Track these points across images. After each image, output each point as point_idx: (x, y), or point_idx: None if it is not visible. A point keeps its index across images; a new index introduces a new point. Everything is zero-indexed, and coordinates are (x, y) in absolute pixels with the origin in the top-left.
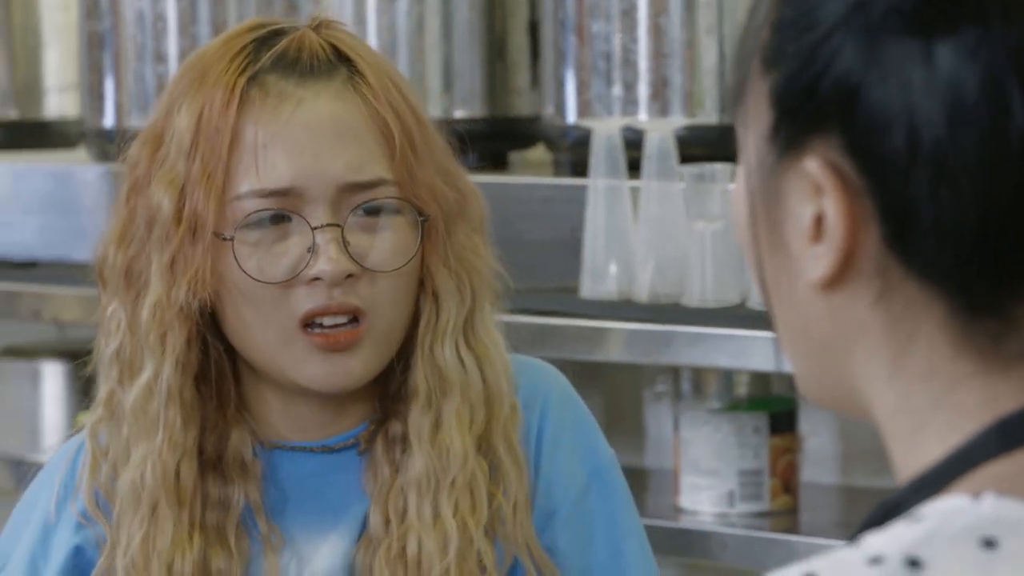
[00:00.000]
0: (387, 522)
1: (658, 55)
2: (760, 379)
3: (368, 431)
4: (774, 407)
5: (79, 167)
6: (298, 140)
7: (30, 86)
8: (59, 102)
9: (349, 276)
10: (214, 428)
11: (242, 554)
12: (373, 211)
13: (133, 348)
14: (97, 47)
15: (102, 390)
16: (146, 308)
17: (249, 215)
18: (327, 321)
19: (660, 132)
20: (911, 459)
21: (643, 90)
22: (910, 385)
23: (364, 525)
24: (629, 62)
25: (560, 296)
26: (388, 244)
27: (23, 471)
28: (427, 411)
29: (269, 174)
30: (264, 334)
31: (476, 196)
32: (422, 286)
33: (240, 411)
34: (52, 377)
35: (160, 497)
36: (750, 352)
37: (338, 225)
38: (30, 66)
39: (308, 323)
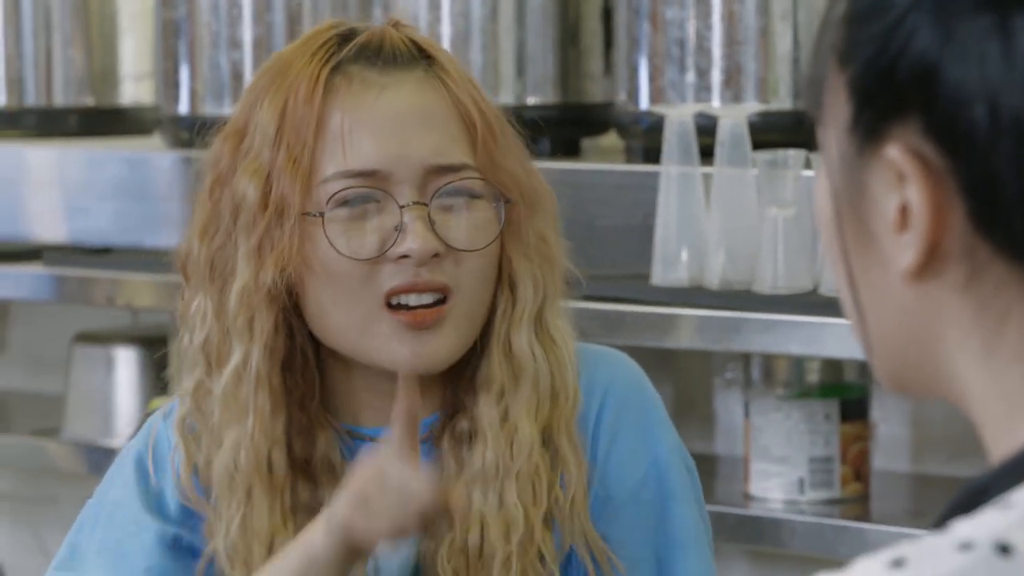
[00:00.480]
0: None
1: (732, 42)
2: (831, 366)
3: (440, 423)
4: (845, 394)
5: (154, 154)
6: (383, 125)
7: (106, 74)
8: (135, 89)
9: (435, 255)
10: (301, 429)
11: None
12: (457, 193)
13: (220, 336)
14: (172, 35)
15: (187, 382)
16: (233, 294)
17: (338, 192)
18: (412, 300)
19: (733, 118)
20: (1005, 443)
21: (716, 76)
22: (1004, 367)
23: None
24: (703, 48)
25: (631, 283)
26: (472, 225)
27: (97, 456)
28: (498, 400)
29: (356, 157)
30: (349, 314)
31: (549, 191)
32: (499, 274)
33: (324, 408)
34: (125, 363)
35: (254, 481)
36: (822, 339)
37: (424, 204)
38: (106, 54)
39: (392, 303)
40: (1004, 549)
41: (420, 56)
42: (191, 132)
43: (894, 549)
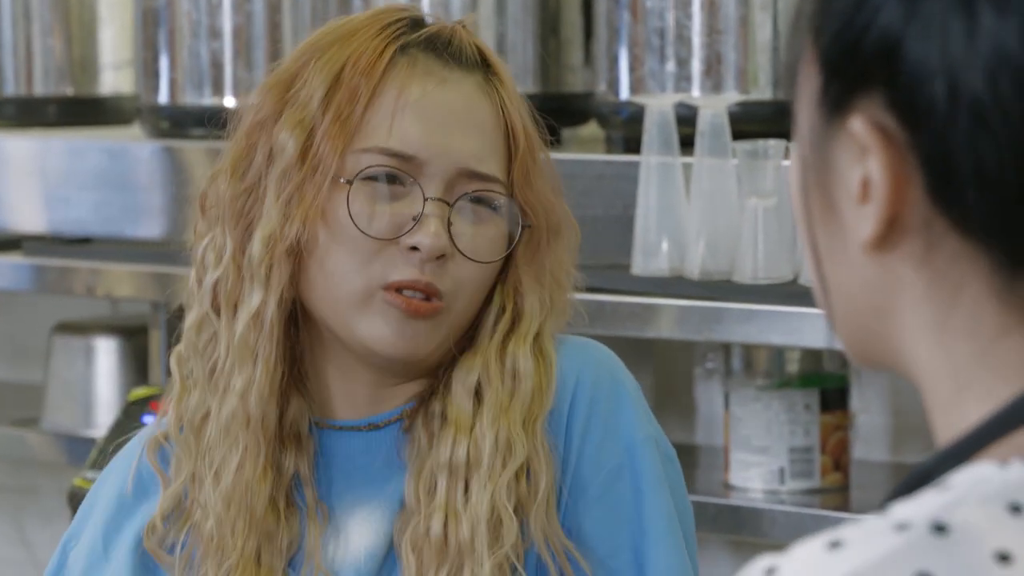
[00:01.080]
0: (418, 499)
1: (712, 31)
2: (811, 356)
3: (414, 409)
4: (825, 384)
5: (134, 144)
6: (435, 114)
7: (86, 63)
8: (114, 79)
9: (440, 256)
10: (283, 389)
11: (289, 523)
12: (480, 202)
13: (235, 278)
14: (152, 24)
15: (191, 317)
16: (257, 240)
17: (370, 167)
18: (408, 293)
19: (713, 108)
20: (949, 425)
21: (696, 66)
22: (953, 343)
23: (402, 502)
24: (683, 38)
25: (612, 273)
26: (486, 236)
27: (77, 447)
28: (475, 397)
29: (399, 137)
30: (349, 286)
31: (573, 223)
32: (505, 287)
33: (302, 385)
34: (105, 353)
35: (255, 430)
36: (802, 329)
37: (448, 203)
38: (86, 43)
39: (390, 288)
40: (940, 528)
41: (482, 62)
42: (171, 122)
43: (833, 531)
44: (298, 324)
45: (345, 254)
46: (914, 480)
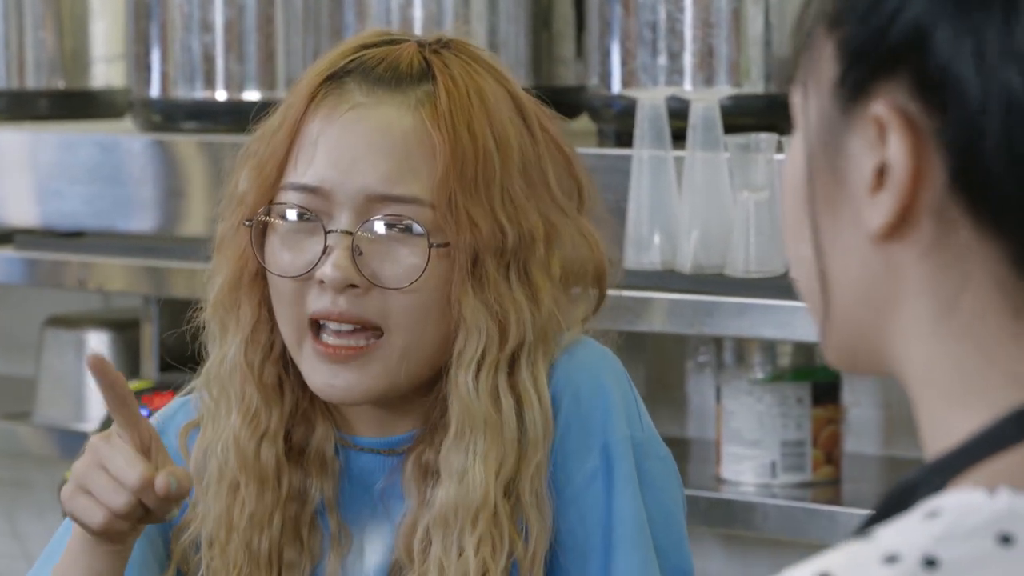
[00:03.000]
0: (411, 552)
1: (704, 25)
2: (803, 349)
3: (422, 434)
4: (817, 377)
5: (125, 137)
6: (340, 142)
7: (77, 56)
8: (106, 72)
9: (353, 286)
10: (304, 418)
11: (312, 550)
12: (391, 226)
13: (211, 324)
14: (144, 17)
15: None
16: (216, 285)
17: (278, 204)
18: (332, 327)
19: (705, 102)
20: (938, 430)
21: (688, 60)
22: (952, 341)
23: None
24: (675, 32)
25: None
26: (397, 260)
27: (69, 440)
28: (459, 444)
29: (307, 169)
30: (286, 327)
31: (562, 227)
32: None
33: (325, 405)
34: (97, 346)
35: (241, 474)
36: (793, 323)
37: (350, 233)
38: (77, 36)
39: (317, 329)
40: (930, 563)
41: (424, 80)
42: (163, 115)
43: (818, 560)
44: None
45: (276, 295)
46: (899, 494)
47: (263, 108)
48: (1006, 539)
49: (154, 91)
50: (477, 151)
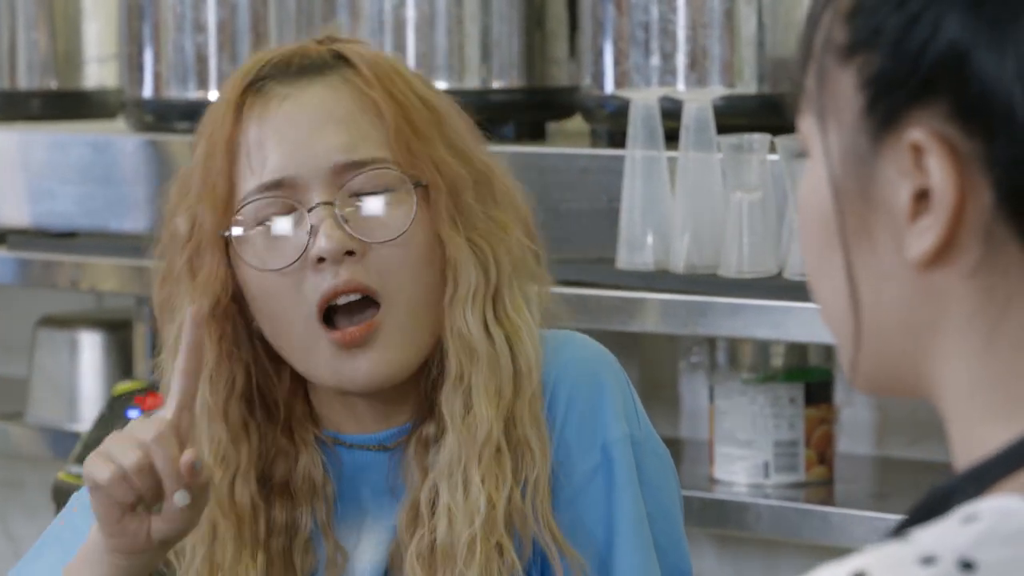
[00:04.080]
0: (417, 517)
1: (697, 25)
2: (796, 350)
3: (412, 428)
4: (810, 378)
5: (118, 137)
6: (286, 132)
7: (70, 56)
8: (99, 72)
9: (350, 253)
10: (283, 453)
11: (305, 571)
12: (367, 190)
13: (169, 366)
14: (136, 18)
15: None
16: (175, 328)
17: (253, 209)
18: (341, 301)
19: (698, 102)
20: (973, 444)
21: (681, 60)
22: (997, 356)
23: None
24: (667, 32)
25: (597, 266)
26: (385, 216)
27: (61, 440)
28: (458, 386)
29: (263, 170)
30: (289, 336)
31: (501, 175)
32: (444, 260)
33: (307, 427)
34: (90, 347)
35: (218, 516)
36: (786, 323)
37: (331, 203)
38: (70, 36)
39: (327, 318)
40: (967, 566)
41: (337, 62)
42: (155, 115)
43: (855, 558)
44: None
45: (271, 305)
46: (934, 500)
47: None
48: None
49: (147, 91)
50: (415, 104)
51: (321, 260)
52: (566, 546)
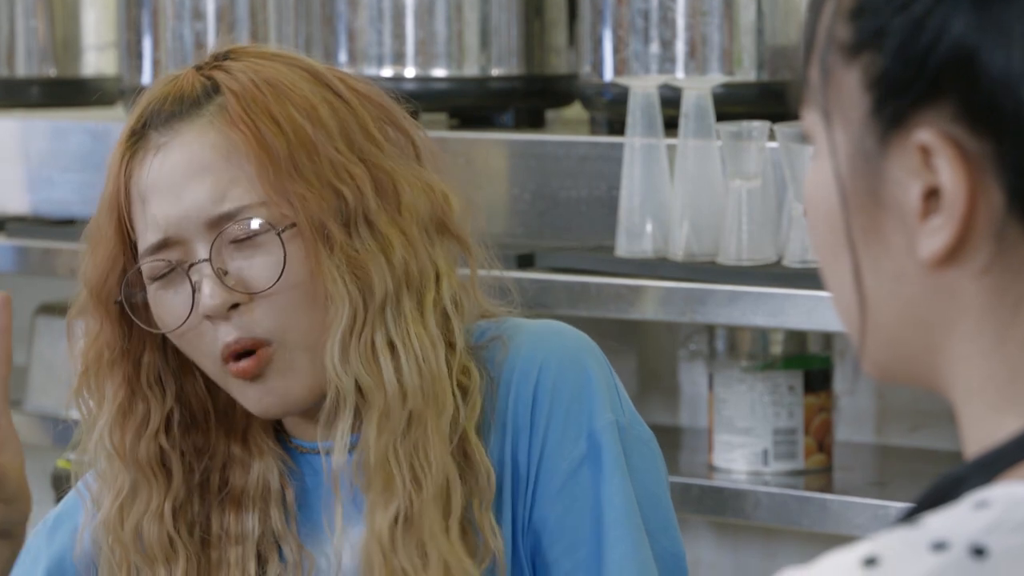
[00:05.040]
0: (380, 551)
1: (696, 13)
2: (795, 337)
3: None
4: (809, 365)
5: (117, 125)
6: (161, 188)
7: (69, 44)
8: (97, 60)
9: (235, 306)
10: (236, 461)
11: None
12: (241, 238)
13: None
14: (135, 5)
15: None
16: (78, 375)
17: (147, 272)
18: (236, 362)
19: (697, 90)
20: (982, 433)
21: (680, 48)
22: (1009, 356)
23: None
24: (667, 20)
25: (596, 254)
26: (261, 264)
27: (58, 428)
28: (343, 415)
29: (149, 230)
30: (208, 372)
31: (406, 178)
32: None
33: (266, 434)
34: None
35: (138, 559)
36: (786, 310)
37: (207, 260)
38: (69, 24)
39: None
40: (979, 552)
41: (213, 95)
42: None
43: (865, 543)
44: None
45: (182, 347)
46: (944, 487)
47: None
48: None
49: (145, 79)
50: (285, 133)
51: (209, 316)
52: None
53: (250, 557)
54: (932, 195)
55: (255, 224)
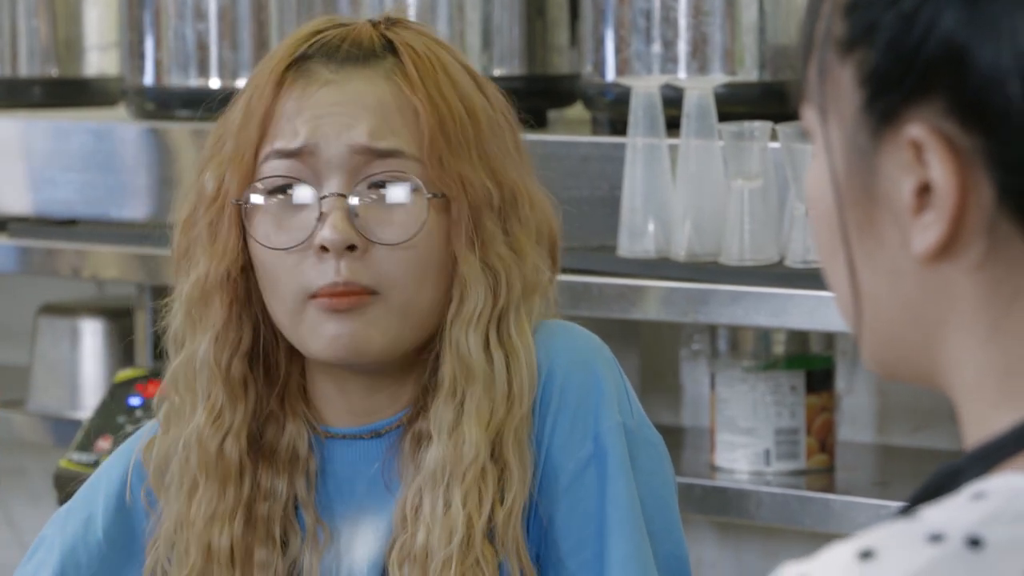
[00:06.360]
0: (405, 519)
1: (698, 12)
2: (797, 337)
3: (409, 415)
4: (811, 365)
5: (119, 125)
6: (320, 109)
7: (71, 44)
8: (99, 60)
9: (353, 248)
10: (273, 417)
11: (287, 547)
12: (384, 184)
13: (180, 324)
14: (137, 5)
15: (167, 370)
16: (189, 284)
17: (268, 176)
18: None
19: (699, 90)
20: (981, 427)
21: (682, 48)
22: (1004, 351)
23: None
24: (669, 20)
25: (598, 254)
26: (396, 218)
27: (63, 428)
28: (450, 401)
29: (289, 137)
30: (282, 305)
31: (531, 200)
32: (454, 274)
33: (300, 401)
34: (91, 334)
35: (201, 473)
36: (787, 311)
37: (344, 195)
38: (71, 24)
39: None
40: (975, 543)
41: (387, 53)
42: (156, 103)
43: (862, 537)
44: (280, 343)
45: (271, 273)
46: (942, 479)
47: (228, 97)
48: None
49: (148, 79)
50: (453, 114)
51: (324, 249)
52: (530, 569)
53: (276, 517)
54: (924, 191)
55: (409, 172)
